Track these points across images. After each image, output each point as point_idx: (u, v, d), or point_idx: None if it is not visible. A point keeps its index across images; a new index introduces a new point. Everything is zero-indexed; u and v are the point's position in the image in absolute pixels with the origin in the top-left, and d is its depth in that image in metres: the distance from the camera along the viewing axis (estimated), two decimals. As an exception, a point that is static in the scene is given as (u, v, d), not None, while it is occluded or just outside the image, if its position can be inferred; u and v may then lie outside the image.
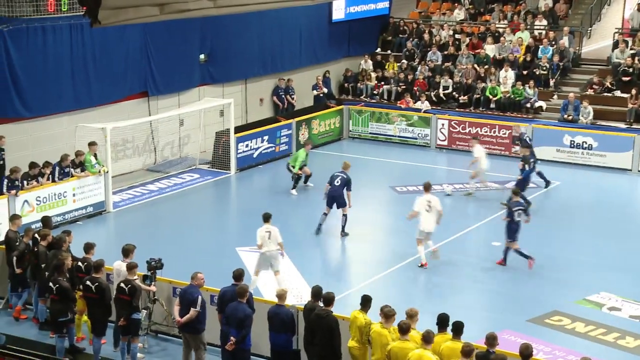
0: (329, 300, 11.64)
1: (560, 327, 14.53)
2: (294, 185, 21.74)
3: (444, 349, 10.75)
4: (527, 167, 20.66)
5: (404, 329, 10.77)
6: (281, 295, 11.92)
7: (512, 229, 16.95)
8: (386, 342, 11.02)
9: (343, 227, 18.62)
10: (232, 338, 11.73)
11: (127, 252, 13.09)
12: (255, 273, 15.47)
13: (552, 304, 15.33)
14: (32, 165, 18.72)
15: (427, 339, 10.55)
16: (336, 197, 18.43)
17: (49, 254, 13.79)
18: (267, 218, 15.46)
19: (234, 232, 19.29)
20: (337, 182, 18.50)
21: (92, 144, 19.68)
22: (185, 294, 12.31)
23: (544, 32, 29.20)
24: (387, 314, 11.18)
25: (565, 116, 25.72)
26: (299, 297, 15.04)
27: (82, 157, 19.40)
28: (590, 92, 26.67)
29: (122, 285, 12.50)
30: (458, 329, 10.88)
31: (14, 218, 15.31)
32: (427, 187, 17.29)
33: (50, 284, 12.76)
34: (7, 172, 18.42)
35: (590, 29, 30.02)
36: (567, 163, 24.73)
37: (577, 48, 28.75)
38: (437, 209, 16.91)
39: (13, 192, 17.83)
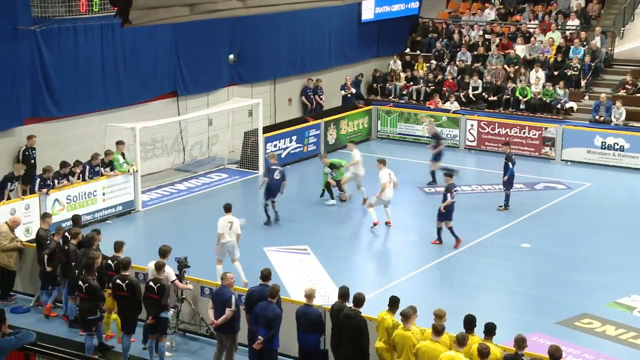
0: (360, 300, 11.59)
1: (590, 330, 14.38)
2: (331, 195, 21.09)
3: (475, 351, 10.66)
4: (510, 164, 20.16)
5: (439, 331, 10.72)
6: (309, 295, 11.89)
7: (449, 210, 17.74)
8: (411, 344, 10.96)
9: (272, 216, 19.35)
10: (259, 337, 11.74)
11: (164, 253, 13.12)
12: (218, 262, 15.65)
13: (582, 306, 15.17)
14: (63, 164, 18.92)
15: (460, 341, 10.49)
16: (274, 190, 19.17)
17: (79, 252, 13.91)
18: (228, 209, 15.77)
19: (261, 232, 19.32)
20: (277, 175, 19.13)
21: (119, 143, 19.84)
22: (219, 295, 12.29)
23: (575, 32, 28.92)
24: (406, 315, 11.14)
25: (597, 117, 25.46)
26: (326, 297, 15.03)
27: (112, 157, 19.57)
28: (622, 92, 26.37)
29: (151, 284, 12.56)
30: (490, 330, 10.80)
31: (45, 216, 15.45)
32: (384, 162, 19.09)
33: (80, 282, 12.85)
34: (38, 171, 18.64)
35: (623, 29, 29.68)
36: (598, 164, 24.47)
37: (610, 48, 28.44)
38: (395, 181, 19.00)
39: (44, 190, 18.02)
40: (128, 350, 12.85)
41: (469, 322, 11.02)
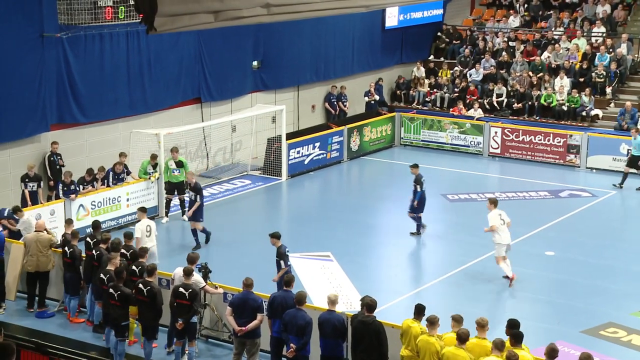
0: (372, 306, 11.51)
1: (616, 339, 14.24)
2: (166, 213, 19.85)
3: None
4: (419, 187, 18.57)
5: (462, 339, 10.72)
6: (334, 301, 11.81)
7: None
8: (435, 350, 10.96)
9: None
10: (292, 345, 11.68)
11: (192, 260, 13.14)
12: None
13: (607, 315, 15.03)
14: (89, 171, 19.11)
15: (498, 345, 10.53)
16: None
17: (104, 257, 13.97)
18: (145, 210, 15.98)
19: (284, 238, 19.27)
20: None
21: (153, 157, 19.95)
22: (247, 301, 12.20)
23: (601, 39, 28.71)
24: (432, 321, 11.13)
25: (622, 125, 25.25)
26: (349, 304, 15.01)
27: (125, 159, 19.70)
28: (648, 100, 26.15)
29: (182, 290, 12.51)
30: (517, 337, 10.76)
31: (69, 222, 15.58)
32: (496, 202, 16.70)
33: (112, 290, 12.85)
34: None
35: (649, 36, 29.46)
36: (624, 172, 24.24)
37: (636, 55, 28.20)
38: (507, 221, 16.51)
39: (72, 196, 18.20)
40: (150, 356, 12.89)
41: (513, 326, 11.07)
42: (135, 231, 15.66)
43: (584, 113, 26.33)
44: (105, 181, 19.26)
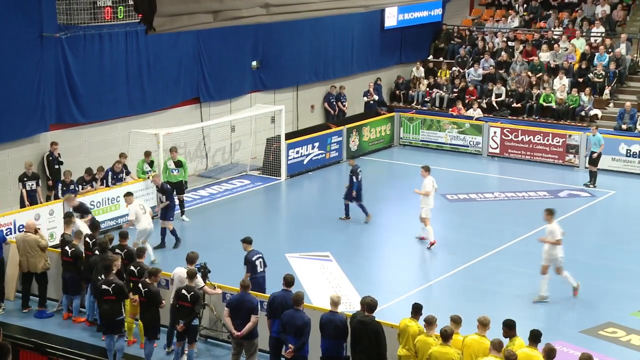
0: (372, 306, 11.50)
1: (615, 339, 14.24)
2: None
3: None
4: (354, 178, 19.58)
5: (446, 337, 10.74)
6: (336, 302, 11.78)
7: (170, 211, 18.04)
8: (432, 351, 11.00)
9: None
10: (290, 346, 11.69)
11: (192, 259, 13.14)
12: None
13: (606, 315, 15.04)
14: (88, 171, 19.10)
15: (495, 345, 10.52)
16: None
17: (97, 257, 13.91)
18: (131, 194, 16.79)
19: (283, 238, 19.34)
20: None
21: (147, 154, 19.96)
22: (244, 302, 12.20)
23: (600, 39, 28.71)
24: (429, 321, 11.14)
25: (622, 125, 25.26)
26: (347, 304, 15.01)
27: (125, 160, 19.69)
28: (647, 100, 26.16)
29: (184, 292, 12.50)
30: (535, 336, 10.76)
31: (68, 221, 15.53)
32: (429, 169, 18.48)
33: (104, 285, 12.82)
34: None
35: (648, 36, 29.48)
36: (623, 172, 24.27)
37: (635, 55, 28.21)
38: (436, 187, 18.42)
39: (72, 196, 18.17)
40: (151, 356, 12.88)
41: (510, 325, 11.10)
42: (129, 214, 16.36)
43: (582, 113, 26.34)
44: (104, 181, 19.26)
